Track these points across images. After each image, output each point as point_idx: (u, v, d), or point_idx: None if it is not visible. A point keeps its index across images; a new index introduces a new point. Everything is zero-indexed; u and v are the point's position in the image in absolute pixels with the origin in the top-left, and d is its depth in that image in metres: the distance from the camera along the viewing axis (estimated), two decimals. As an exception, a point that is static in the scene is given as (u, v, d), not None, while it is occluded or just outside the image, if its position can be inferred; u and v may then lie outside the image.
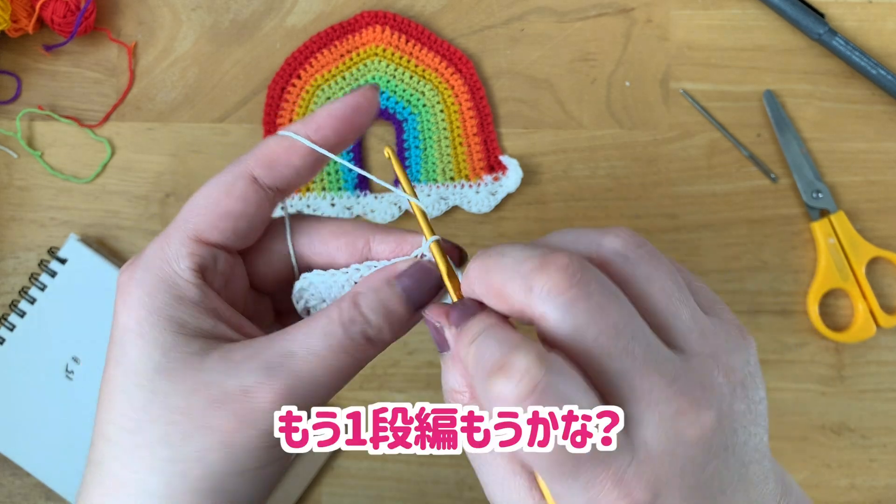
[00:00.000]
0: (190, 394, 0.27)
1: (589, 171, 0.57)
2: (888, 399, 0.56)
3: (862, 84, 0.57)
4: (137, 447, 0.27)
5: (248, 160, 0.30)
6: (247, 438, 0.27)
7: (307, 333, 0.28)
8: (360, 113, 0.31)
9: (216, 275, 0.30)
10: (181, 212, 0.30)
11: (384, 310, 0.29)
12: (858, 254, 0.56)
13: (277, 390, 0.27)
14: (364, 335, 0.29)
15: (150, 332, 0.28)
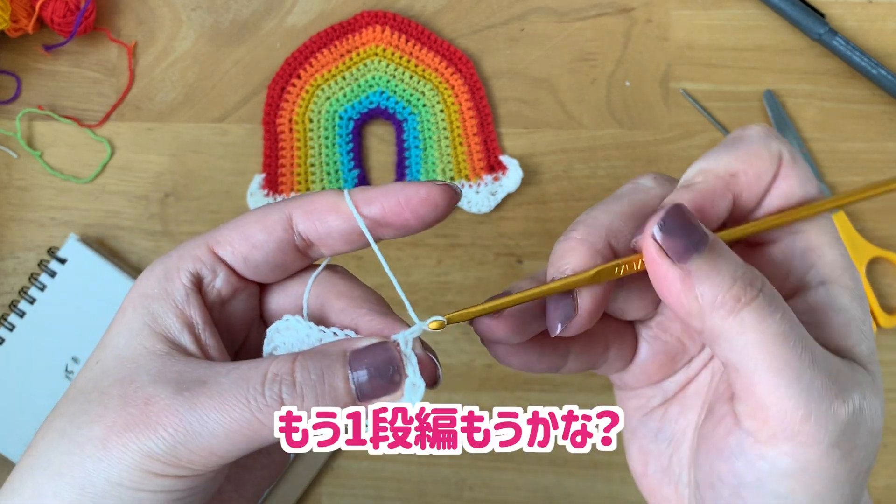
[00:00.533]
0: (117, 382, 0.27)
1: (589, 171, 0.57)
2: (888, 399, 0.56)
3: (862, 84, 0.57)
4: (60, 415, 0.28)
5: (295, 201, 0.29)
6: (124, 446, 0.25)
7: (230, 371, 0.26)
8: (411, 203, 0.28)
9: (212, 288, 0.30)
10: (222, 224, 0.30)
11: (319, 377, 0.26)
12: (858, 254, 0.56)
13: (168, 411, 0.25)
14: (279, 396, 0.25)
15: (130, 314, 0.29)
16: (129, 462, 0.25)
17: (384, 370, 0.26)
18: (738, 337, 0.24)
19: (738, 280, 0.24)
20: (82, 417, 0.26)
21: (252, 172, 0.57)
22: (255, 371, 0.26)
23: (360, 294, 0.30)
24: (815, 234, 0.27)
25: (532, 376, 0.56)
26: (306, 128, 0.57)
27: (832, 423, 0.24)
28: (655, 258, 0.25)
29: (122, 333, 0.28)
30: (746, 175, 0.27)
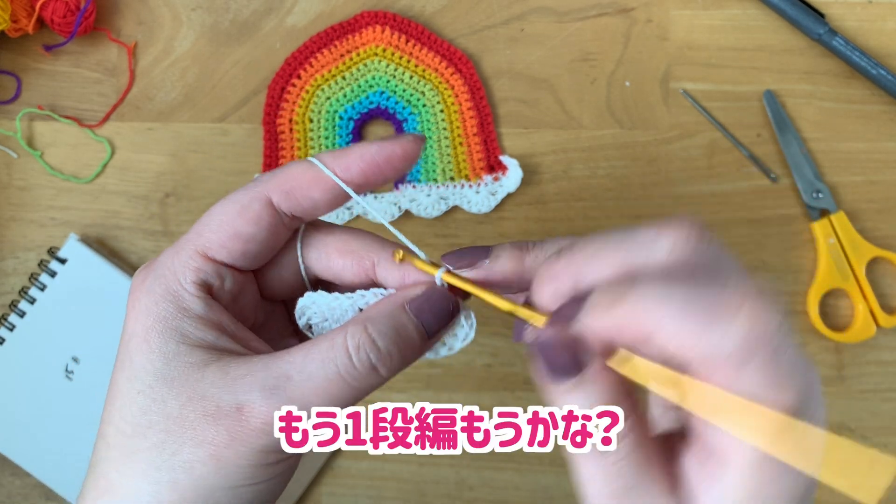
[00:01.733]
0: (185, 403, 0.27)
1: (589, 171, 0.57)
2: (888, 399, 0.56)
3: (862, 84, 0.57)
4: (132, 452, 0.28)
5: (269, 182, 0.30)
6: (237, 454, 0.27)
7: (306, 357, 0.28)
8: (392, 161, 0.30)
9: (223, 291, 0.30)
10: (195, 225, 0.30)
11: (396, 335, 0.28)
12: (858, 254, 0.56)
13: (270, 412, 0.27)
14: (369, 363, 0.28)
15: (154, 340, 0.28)
16: (246, 464, 0.27)
17: (444, 307, 0.29)
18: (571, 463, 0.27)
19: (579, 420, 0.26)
20: (170, 447, 0.27)
21: (252, 172, 0.57)
22: (336, 350, 0.28)
23: (358, 244, 0.31)
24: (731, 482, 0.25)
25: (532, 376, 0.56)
26: (306, 128, 0.57)
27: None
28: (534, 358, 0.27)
29: (155, 360, 0.28)
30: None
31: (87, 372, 0.54)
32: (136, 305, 0.29)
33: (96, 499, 0.28)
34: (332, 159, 0.30)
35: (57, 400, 0.54)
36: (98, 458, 0.29)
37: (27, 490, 0.56)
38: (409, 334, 0.29)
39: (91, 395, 0.54)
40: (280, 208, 0.30)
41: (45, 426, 0.54)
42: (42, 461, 0.54)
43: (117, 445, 0.28)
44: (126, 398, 0.28)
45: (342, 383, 0.27)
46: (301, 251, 0.32)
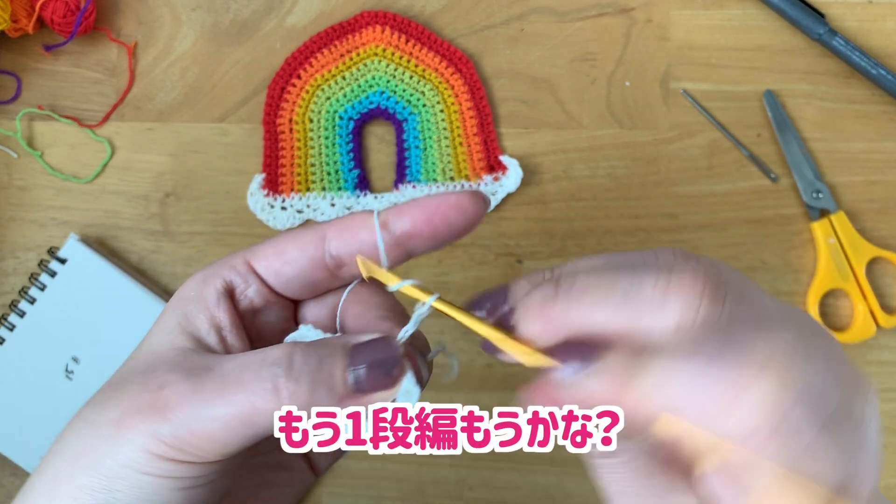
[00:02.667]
0: (139, 372, 0.29)
1: (589, 171, 0.57)
2: (888, 399, 0.56)
3: (862, 84, 0.57)
4: (89, 402, 0.29)
5: (330, 222, 0.31)
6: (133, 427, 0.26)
7: (235, 359, 0.27)
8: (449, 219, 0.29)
9: (244, 297, 0.31)
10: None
11: (318, 365, 0.26)
12: (858, 254, 0.56)
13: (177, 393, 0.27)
14: (272, 383, 0.26)
15: (167, 315, 0.30)
16: (138, 443, 0.26)
17: (384, 365, 0.27)
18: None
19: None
20: (104, 404, 0.28)
21: (252, 172, 0.57)
22: (255, 356, 0.27)
23: (377, 300, 0.31)
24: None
25: (532, 376, 0.56)
26: (306, 128, 0.57)
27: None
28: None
29: (157, 333, 0.30)
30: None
31: (87, 372, 0.54)
32: (180, 288, 0.31)
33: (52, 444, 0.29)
34: (392, 208, 0.30)
35: (57, 400, 0.54)
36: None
37: (27, 490, 0.56)
38: (331, 368, 0.27)
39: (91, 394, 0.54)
40: (329, 247, 0.30)
41: (45, 426, 0.54)
42: (42, 461, 0.54)
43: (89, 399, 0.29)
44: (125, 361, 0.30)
45: (242, 391, 0.26)
46: (343, 302, 0.32)
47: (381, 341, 0.27)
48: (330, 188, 0.57)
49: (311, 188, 0.57)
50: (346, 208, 0.57)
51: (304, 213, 0.57)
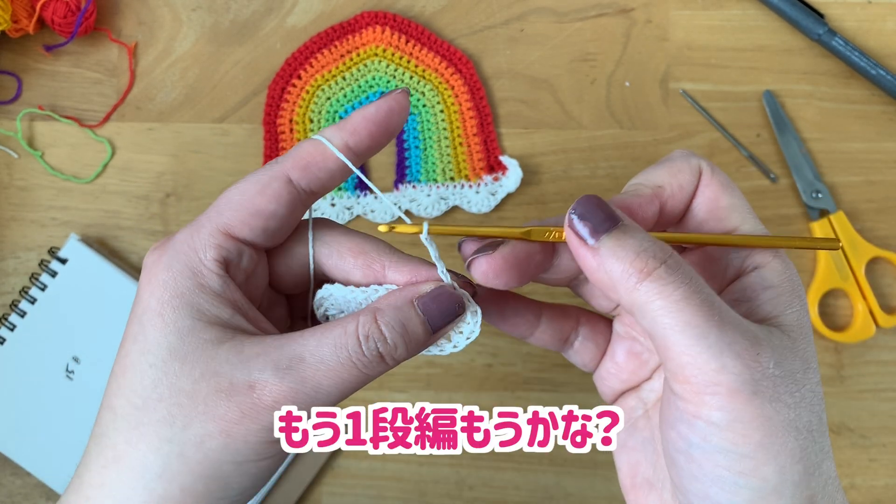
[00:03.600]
0: (198, 379, 0.28)
1: (589, 171, 0.57)
2: (888, 399, 0.56)
3: (861, 84, 0.58)
4: (141, 423, 0.28)
5: (285, 162, 0.31)
6: (247, 431, 0.28)
7: (319, 341, 0.29)
8: (392, 116, 0.32)
9: (239, 270, 0.31)
10: (215, 203, 0.31)
11: (403, 329, 0.30)
12: (858, 254, 0.56)
13: (282, 391, 0.28)
14: (377, 352, 0.29)
15: (169, 315, 0.29)
16: (254, 440, 0.28)
17: (450, 305, 0.31)
18: (647, 304, 0.27)
19: (640, 254, 0.27)
20: (180, 421, 0.28)
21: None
22: (348, 337, 0.29)
23: (370, 247, 0.33)
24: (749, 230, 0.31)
25: (532, 376, 0.56)
26: (307, 128, 0.57)
27: (747, 372, 0.26)
28: (571, 239, 0.28)
29: (169, 334, 0.29)
30: (671, 186, 0.31)
31: (87, 372, 0.54)
32: (153, 280, 0.30)
33: (104, 466, 0.28)
34: (338, 130, 0.31)
35: (57, 400, 0.54)
36: (104, 429, 0.29)
37: (27, 490, 0.56)
38: (414, 328, 0.30)
39: (91, 394, 0.54)
40: (299, 185, 0.31)
41: (46, 426, 0.54)
42: (42, 461, 0.54)
43: (126, 416, 0.28)
44: (137, 370, 0.29)
45: (352, 368, 0.29)
46: (312, 245, 0.33)
47: (441, 290, 0.31)
48: (330, 188, 0.57)
49: (312, 188, 0.57)
50: (346, 208, 0.57)
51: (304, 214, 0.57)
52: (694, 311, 0.26)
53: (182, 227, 0.31)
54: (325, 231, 0.33)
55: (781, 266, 0.30)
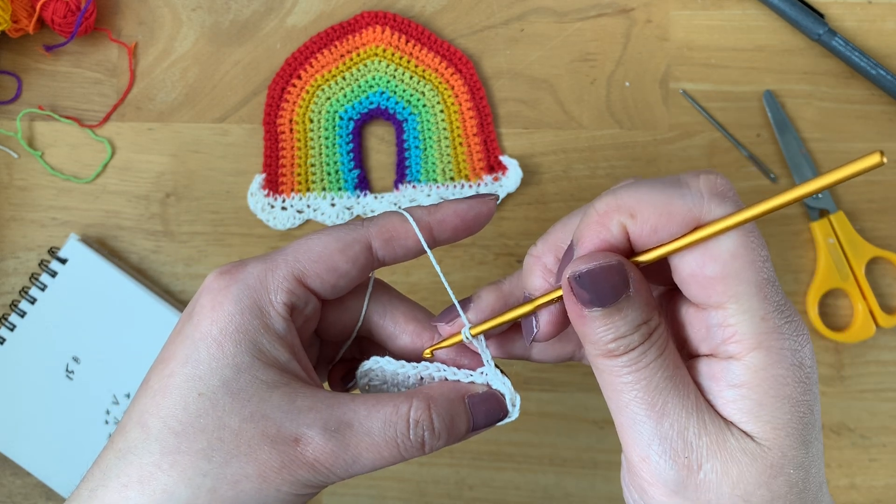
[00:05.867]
0: (247, 419, 0.28)
1: (589, 171, 0.57)
2: (888, 399, 0.56)
3: (861, 84, 0.58)
4: (178, 450, 0.28)
5: (371, 228, 0.32)
6: (282, 481, 0.28)
7: (370, 412, 0.29)
8: (479, 219, 0.33)
9: (301, 316, 0.32)
10: (294, 246, 0.32)
11: (451, 423, 0.31)
12: (858, 254, 0.56)
13: (324, 452, 0.28)
14: (422, 439, 0.30)
15: (230, 348, 0.29)
16: (286, 491, 0.28)
17: (496, 411, 0.32)
18: (600, 376, 0.28)
19: (619, 339, 0.27)
20: (220, 456, 0.28)
21: (252, 172, 0.57)
22: (399, 417, 0.30)
23: (422, 316, 0.34)
24: (731, 313, 0.27)
25: (532, 376, 0.56)
26: (306, 128, 0.57)
27: (670, 471, 0.27)
28: (566, 292, 0.28)
29: (227, 367, 0.29)
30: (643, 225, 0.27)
31: (87, 372, 0.54)
32: (218, 309, 0.30)
33: (125, 486, 0.28)
34: (428, 213, 0.33)
35: (57, 400, 0.54)
36: (131, 445, 0.28)
37: (27, 490, 0.56)
38: (460, 424, 0.31)
39: (91, 395, 0.54)
40: (376, 253, 0.32)
41: (46, 426, 0.54)
42: (42, 461, 0.54)
43: (161, 439, 0.28)
44: (183, 395, 0.29)
45: (394, 448, 0.29)
46: (367, 303, 0.34)
47: (492, 396, 0.32)
48: (330, 188, 0.57)
49: (312, 188, 0.57)
50: (346, 208, 0.57)
51: (305, 214, 0.57)
52: (638, 397, 0.27)
53: (254, 258, 0.32)
54: (381, 293, 0.35)
55: (763, 362, 0.26)
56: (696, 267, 0.27)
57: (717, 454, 0.26)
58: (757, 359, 0.26)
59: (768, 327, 0.27)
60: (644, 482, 0.28)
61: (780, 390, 0.27)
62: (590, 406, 0.56)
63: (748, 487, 0.26)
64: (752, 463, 0.26)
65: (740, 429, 0.27)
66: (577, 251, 0.28)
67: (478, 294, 0.33)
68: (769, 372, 0.26)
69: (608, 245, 0.27)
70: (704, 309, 0.28)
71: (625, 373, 0.27)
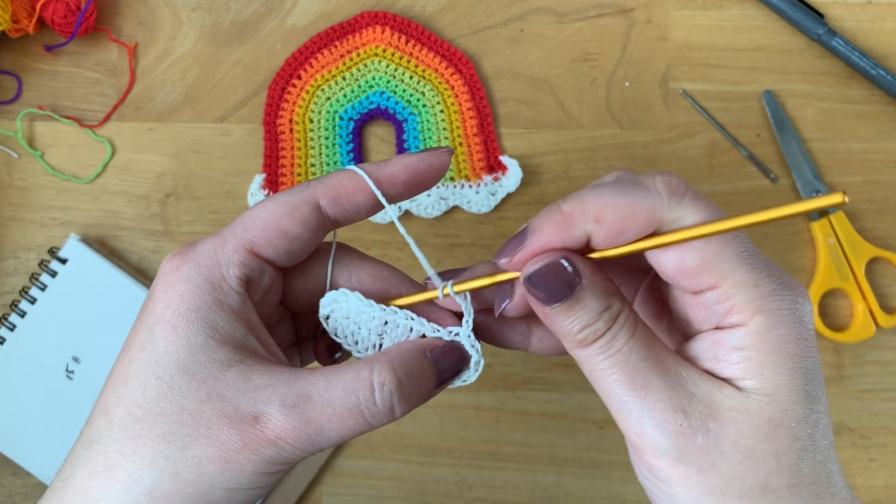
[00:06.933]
0: (204, 400, 0.28)
1: (589, 171, 0.57)
2: (888, 399, 0.56)
3: (861, 84, 0.58)
4: (139, 436, 0.28)
5: (317, 187, 0.31)
6: (245, 461, 0.28)
7: (329, 382, 0.29)
8: (431, 172, 0.32)
9: (258, 288, 0.31)
10: (241, 219, 0.31)
11: (417, 380, 0.30)
12: (858, 254, 0.56)
13: (285, 428, 0.28)
14: (390, 402, 0.29)
15: (183, 329, 0.29)
16: (251, 470, 0.28)
17: (459, 358, 0.32)
18: (583, 365, 0.29)
19: (585, 328, 0.28)
20: (180, 439, 0.28)
21: (252, 172, 0.57)
22: (360, 383, 0.29)
23: (388, 274, 0.33)
24: (724, 290, 0.28)
25: (532, 376, 0.56)
26: (306, 128, 0.57)
27: (668, 441, 0.27)
28: (526, 294, 0.29)
29: (181, 348, 0.29)
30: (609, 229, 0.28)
31: (87, 372, 0.54)
32: (169, 290, 0.29)
33: (92, 474, 0.28)
34: (377, 168, 0.32)
35: (57, 400, 0.54)
36: (96, 434, 0.29)
37: (28, 490, 0.56)
38: (427, 380, 0.30)
39: (91, 394, 0.54)
40: (326, 212, 0.31)
41: (46, 426, 0.54)
42: (42, 461, 0.54)
43: (123, 426, 0.28)
44: (141, 381, 0.28)
45: (359, 416, 0.29)
46: (332, 267, 0.33)
47: (453, 348, 0.32)
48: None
49: (312, 188, 0.57)
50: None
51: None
52: (619, 380, 0.28)
53: (204, 237, 0.31)
54: (345, 255, 0.34)
55: (765, 324, 0.28)
56: (678, 262, 0.28)
57: (710, 417, 0.27)
58: (760, 322, 0.28)
59: (763, 292, 0.28)
60: (648, 457, 0.28)
61: (784, 348, 0.28)
62: (590, 406, 0.56)
63: (748, 442, 0.27)
64: (747, 419, 0.27)
65: (737, 386, 0.28)
66: (528, 239, 0.29)
67: (473, 266, 0.33)
68: (772, 332, 0.28)
69: (562, 244, 0.28)
70: (699, 293, 0.29)
71: (601, 359, 0.28)
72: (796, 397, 0.27)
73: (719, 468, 0.27)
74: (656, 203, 0.28)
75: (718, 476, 0.27)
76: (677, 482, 0.27)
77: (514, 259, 0.29)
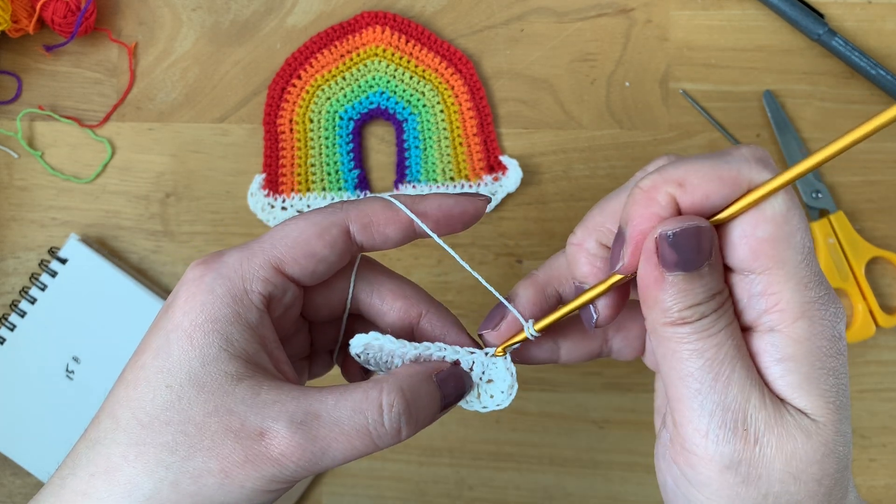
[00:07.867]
0: (211, 413, 0.28)
1: (589, 171, 0.57)
2: (888, 399, 0.56)
3: (861, 84, 0.58)
4: (143, 442, 0.28)
5: (350, 211, 0.31)
6: (246, 476, 0.27)
7: (338, 401, 0.29)
8: (465, 217, 0.32)
9: (279, 305, 0.31)
10: (270, 234, 0.31)
11: (425, 404, 0.30)
12: (858, 254, 0.56)
13: (290, 446, 0.28)
14: (398, 424, 0.29)
15: (199, 339, 0.29)
16: (252, 487, 0.28)
17: (462, 385, 0.32)
18: (662, 344, 0.27)
19: (694, 306, 0.26)
20: (183, 450, 0.28)
21: (252, 172, 0.57)
22: (370, 403, 0.29)
23: (410, 292, 0.33)
24: (777, 279, 0.27)
25: (532, 376, 0.56)
26: (306, 128, 0.57)
27: (727, 447, 0.26)
28: (648, 253, 0.27)
29: (194, 359, 0.28)
30: (693, 193, 0.27)
31: (87, 372, 0.54)
32: (191, 299, 0.29)
33: (93, 475, 0.28)
34: (412, 202, 0.32)
35: (57, 400, 0.54)
36: (101, 436, 0.29)
37: (28, 490, 0.56)
38: (432, 404, 0.31)
39: (91, 394, 0.54)
40: (354, 237, 0.31)
41: (46, 426, 0.54)
42: (42, 461, 0.54)
43: (128, 430, 0.28)
44: (151, 387, 0.28)
45: (366, 437, 0.28)
46: (354, 282, 0.33)
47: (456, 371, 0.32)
48: (330, 188, 0.57)
49: (312, 188, 0.57)
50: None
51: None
52: (702, 371, 0.26)
53: (231, 248, 0.31)
54: (368, 270, 0.34)
55: (807, 333, 0.26)
56: (749, 228, 0.26)
57: (774, 429, 0.26)
58: (801, 329, 0.26)
59: (811, 296, 0.27)
60: (693, 456, 0.27)
61: (825, 362, 0.27)
62: (590, 406, 0.56)
63: (800, 465, 0.26)
64: (806, 440, 0.26)
65: (793, 405, 0.27)
66: (627, 232, 0.27)
67: (515, 292, 0.33)
68: (813, 343, 0.26)
69: (660, 219, 0.26)
70: (746, 276, 0.27)
71: (693, 339, 0.26)
72: (842, 418, 0.27)
73: (763, 483, 0.26)
74: (742, 165, 0.26)
75: (757, 490, 0.26)
76: (716, 488, 0.26)
77: (626, 262, 0.27)
